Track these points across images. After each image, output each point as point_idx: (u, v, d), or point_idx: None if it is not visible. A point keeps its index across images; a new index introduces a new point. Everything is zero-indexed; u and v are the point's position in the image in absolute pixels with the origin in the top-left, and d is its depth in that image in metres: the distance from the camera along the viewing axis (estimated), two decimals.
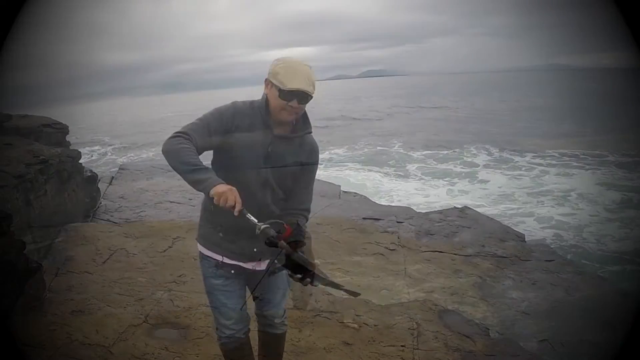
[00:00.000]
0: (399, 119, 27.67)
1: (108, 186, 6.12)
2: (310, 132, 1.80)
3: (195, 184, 1.54)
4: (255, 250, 1.75)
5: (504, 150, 14.87)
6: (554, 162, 12.82)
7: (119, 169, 7.38)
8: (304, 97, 1.65)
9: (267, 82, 1.69)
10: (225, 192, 1.47)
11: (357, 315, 3.11)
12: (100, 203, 5.46)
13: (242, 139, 1.69)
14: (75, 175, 4.71)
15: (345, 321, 3.03)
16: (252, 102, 1.75)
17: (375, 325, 3.01)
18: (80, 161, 5.22)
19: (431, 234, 4.61)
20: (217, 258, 1.82)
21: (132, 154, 17.99)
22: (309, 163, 1.80)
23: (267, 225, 1.48)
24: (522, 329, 3.04)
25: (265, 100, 1.71)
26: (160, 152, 1.61)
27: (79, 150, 5.46)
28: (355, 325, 3.01)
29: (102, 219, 5.00)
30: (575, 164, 12.46)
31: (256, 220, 1.48)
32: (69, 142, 5.62)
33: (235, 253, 1.78)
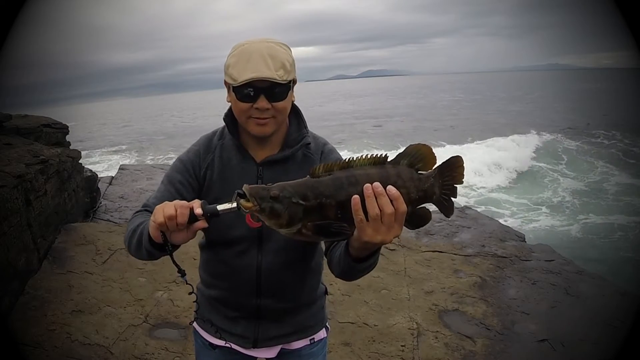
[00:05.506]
0: None
1: (108, 186, 6.11)
2: (309, 143, 1.21)
3: (139, 242, 1.04)
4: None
5: None
6: None
7: (119, 168, 7.37)
8: (269, 88, 1.05)
9: (225, 85, 1.13)
10: (158, 208, 0.94)
11: (357, 316, 3.11)
12: (100, 203, 5.46)
13: (216, 183, 1.18)
14: (75, 175, 4.70)
15: (345, 321, 3.04)
16: (224, 127, 1.24)
17: (375, 325, 3.01)
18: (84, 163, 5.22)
19: (431, 234, 4.61)
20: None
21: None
22: None
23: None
24: (522, 329, 3.04)
25: (231, 113, 1.18)
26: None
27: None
28: (355, 325, 3.01)
29: (102, 219, 5.00)
30: None
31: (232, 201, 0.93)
32: (69, 142, 5.61)
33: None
